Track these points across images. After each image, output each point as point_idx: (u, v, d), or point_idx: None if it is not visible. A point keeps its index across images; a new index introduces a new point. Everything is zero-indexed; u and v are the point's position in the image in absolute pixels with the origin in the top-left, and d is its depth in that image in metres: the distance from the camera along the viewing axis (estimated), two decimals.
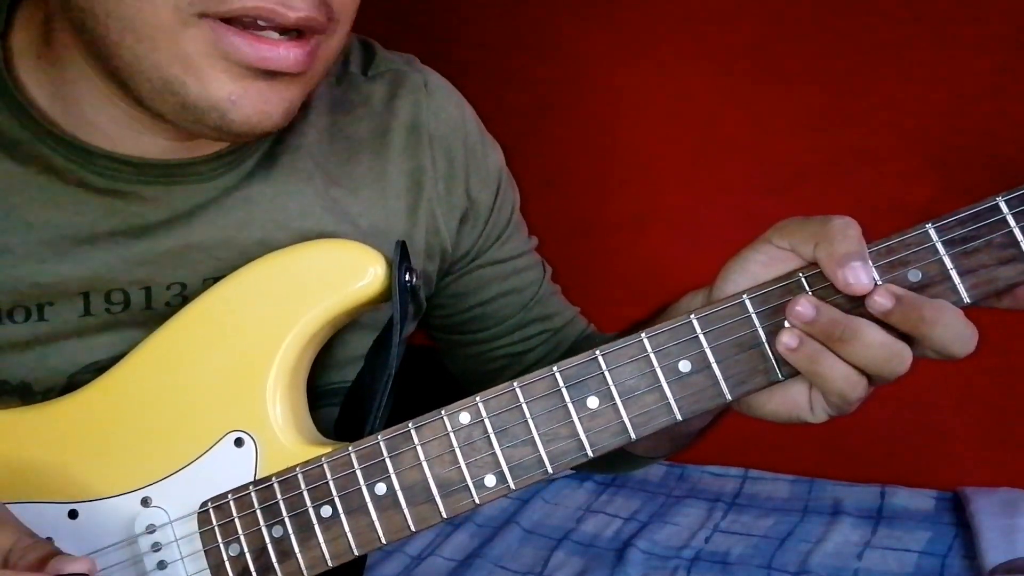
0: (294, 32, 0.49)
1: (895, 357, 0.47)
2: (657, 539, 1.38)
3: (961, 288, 0.48)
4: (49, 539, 0.52)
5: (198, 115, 0.49)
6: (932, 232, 0.49)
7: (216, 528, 0.53)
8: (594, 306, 0.79)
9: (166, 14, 0.46)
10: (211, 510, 0.53)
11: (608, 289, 1.56)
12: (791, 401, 0.51)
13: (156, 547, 0.53)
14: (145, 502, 0.54)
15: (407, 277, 0.55)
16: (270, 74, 0.49)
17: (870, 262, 0.48)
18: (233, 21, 0.47)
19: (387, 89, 0.65)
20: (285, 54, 0.48)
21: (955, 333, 0.47)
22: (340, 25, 0.52)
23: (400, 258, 0.55)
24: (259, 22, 0.48)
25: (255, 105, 0.49)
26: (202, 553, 0.53)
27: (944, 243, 0.49)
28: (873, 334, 0.47)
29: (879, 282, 0.48)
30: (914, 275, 0.49)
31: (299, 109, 0.54)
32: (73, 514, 0.54)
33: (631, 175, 1.69)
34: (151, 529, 0.53)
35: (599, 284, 0.84)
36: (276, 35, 0.48)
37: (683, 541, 1.37)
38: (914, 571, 1.27)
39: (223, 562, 0.52)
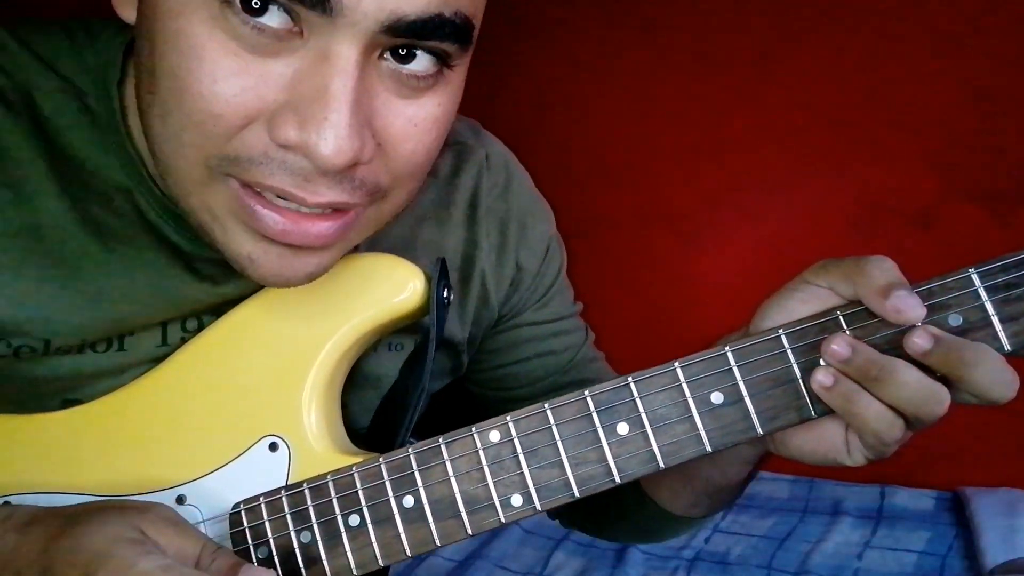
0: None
1: (932, 398, 0.45)
2: None
3: (1002, 335, 0.46)
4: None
5: (225, 258, 0.48)
6: (975, 277, 0.47)
7: (247, 530, 0.52)
8: (595, 306, 0.77)
9: (198, 170, 0.44)
10: (243, 512, 0.52)
11: (609, 289, 1.54)
12: (827, 442, 0.49)
13: None
14: (180, 500, 0.53)
15: (445, 294, 0.54)
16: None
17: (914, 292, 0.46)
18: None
19: (452, 162, 0.64)
20: (308, 230, 0.44)
21: (995, 377, 0.44)
22: (394, 194, 0.47)
23: (439, 275, 0.53)
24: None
25: (273, 269, 0.46)
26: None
27: (986, 289, 0.47)
28: (910, 374, 0.45)
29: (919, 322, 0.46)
30: (955, 319, 0.47)
31: None
32: None
33: (632, 174, 1.66)
34: None
35: (600, 284, 0.82)
36: (306, 209, 0.44)
37: (683, 541, 1.35)
38: (914, 571, 1.25)
39: (251, 564, 0.51)
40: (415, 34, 0.42)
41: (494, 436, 0.50)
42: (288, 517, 0.51)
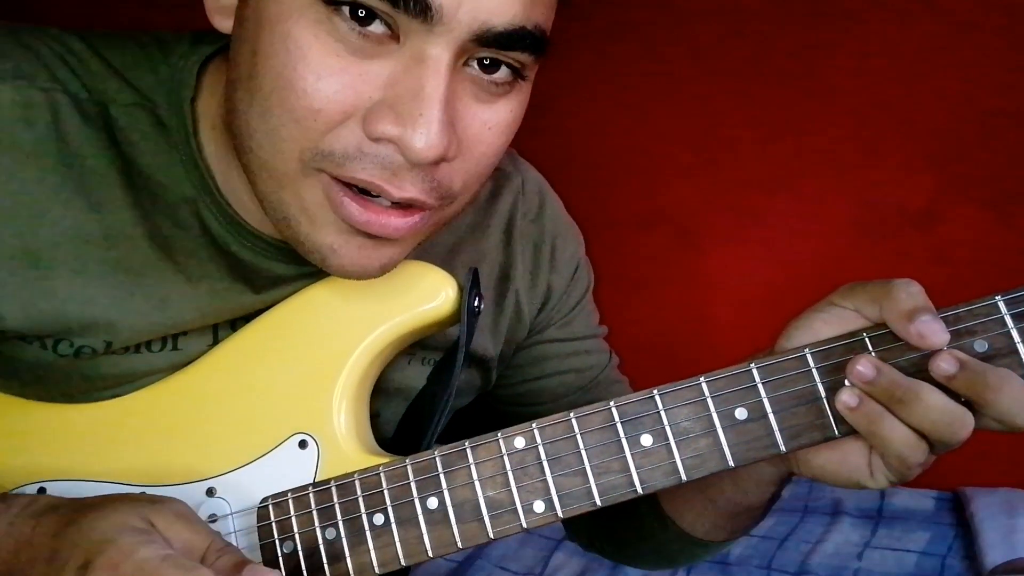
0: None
1: (956, 422, 0.45)
2: None
3: None
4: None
5: (304, 251, 0.50)
6: (1001, 304, 0.46)
7: (273, 524, 0.52)
8: (597, 307, 0.77)
9: (292, 163, 0.46)
10: (270, 506, 0.52)
11: (609, 289, 1.53)
12: (850, 463, 0.49)
13: None
14: (210, 492, 0.53)
15: (475, 303, 0.54)
16: (373, 235, 0.48)
17: (939, 317, 0.45)
18: (348, 183, 0.47)
19: (491, 188, 0.66)
20: (387, 222, 0.47)
21: (1020, 403, 0.44)
22: (459, 200, 0.50)
23: (471, 284, 0.53)
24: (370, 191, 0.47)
25: (353, 258, 0.49)
26: (258, 547, 0.52)
27: (1013, 316, 0.46)
28: (935, 397, 0.45)
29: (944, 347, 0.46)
30: (980, 345, 0.46)
31: None
32: None
33: (633, 176, 1.65)
34: (213, 519, 0.53)
35: (600, 284, 0.82)
36: (386, 203, 0.47)
37: None
38: (914, 571, 1.25)
39: (276, 558, 0.52)
40: (500, 44, 0.45)
41: (519, 442, 0.50)
42: (314, 513, 0.51)
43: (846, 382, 0.47)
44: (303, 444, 0.53)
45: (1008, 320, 0.46)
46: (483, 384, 0.68)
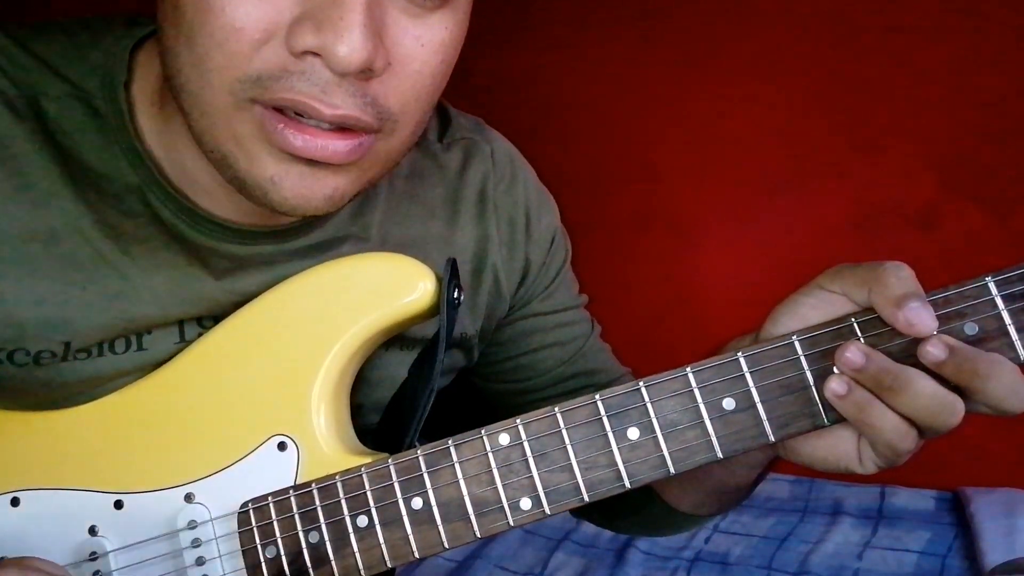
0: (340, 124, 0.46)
1: (946, 408, 0.44)
2: (657, 539, 1.34)
3: (1018, 345, 0.45)
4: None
5: (246, 190, 0.48)
6: (991, 286, 0.45)
7: (255, 529, 0.50)
8: (594, 306, 0.76)
9: (222, 97, 0.45)
10: (251, 511, 0.51)
11: (608, 288, 1.52)
12: (839, 450, 0.47)
13: (196, 543, 0.51)
14: (188, 498, 0.52)
15: (455, 294, 0.53)
16: (313, 161, 0.46)
17: (928, 303, 0.44)
18: (282, 109, 0.45)
19: (460, 158, 0.64)
20: (326, 144, 0.45)
21: (1009, 389, 0.43)
22: (400, 126, 0.48)
23: (449, 275, 0.52)
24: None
25: (294, 188, 0.46)
26: (240, 553, 0.50)
27: (1003, 298, 0.45)
28: (924, 384, 0.43)
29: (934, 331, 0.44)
30: (970, 328, 0.45)
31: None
32: (119, 504, 0.52)
33: (632, 174, 1.64)
34: (192, 525, 0.51)
35: (599, 283, 0.81)
36: (325, 125, 0.45)
37: (683, 541, 1.33)
38: (914, 571, 1.23)
39: (259, 563, 0.50)
40: None
41: (504, 439, 0.49)
42: (296, 517, 0.50)
43: (835, 369, 0.45)
44: (282, 446, 0.51)
45: (999, 302, 0.45)
46: (466, 362, 0.66)
